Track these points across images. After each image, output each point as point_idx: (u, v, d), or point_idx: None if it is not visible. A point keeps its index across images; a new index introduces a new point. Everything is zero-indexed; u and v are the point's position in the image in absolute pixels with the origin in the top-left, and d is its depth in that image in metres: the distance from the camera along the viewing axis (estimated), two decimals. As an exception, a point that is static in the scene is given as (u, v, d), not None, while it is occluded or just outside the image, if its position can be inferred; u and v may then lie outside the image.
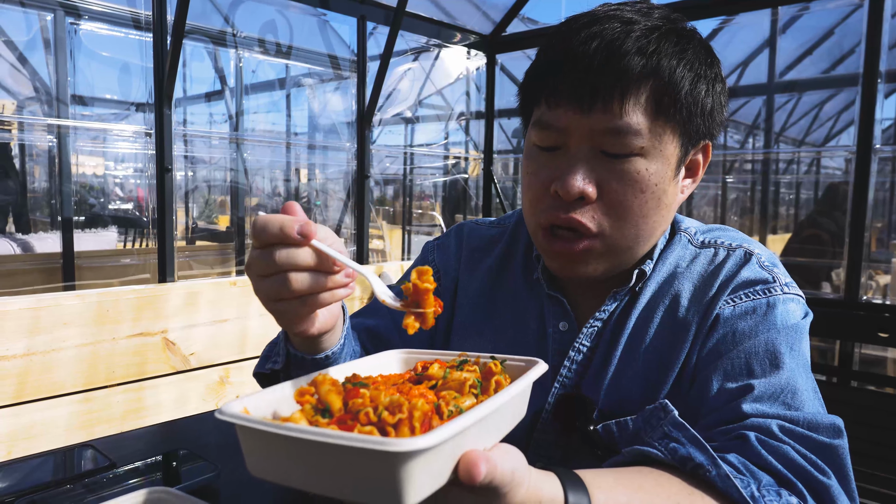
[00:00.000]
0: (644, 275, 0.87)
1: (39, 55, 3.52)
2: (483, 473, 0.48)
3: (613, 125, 0.75)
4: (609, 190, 0.78)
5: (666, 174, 0.79)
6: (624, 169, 0.77)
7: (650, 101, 0.75)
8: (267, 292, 0.62)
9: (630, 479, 0.66)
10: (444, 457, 0.46)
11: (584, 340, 0.89)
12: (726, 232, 0.91)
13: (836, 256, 4.08)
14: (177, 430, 1.08)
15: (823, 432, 0.71)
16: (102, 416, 1.95)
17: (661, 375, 0.83)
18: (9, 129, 4.03)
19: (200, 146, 5.27)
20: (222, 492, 0.79)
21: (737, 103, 5.41)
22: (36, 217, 4.61)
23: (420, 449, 0.42)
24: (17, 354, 1.78)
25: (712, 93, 0.81)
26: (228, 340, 2.28)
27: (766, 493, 0.64)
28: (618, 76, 0.74)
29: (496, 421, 0.55)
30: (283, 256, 0.59)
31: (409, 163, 6.84)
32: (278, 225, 0.59)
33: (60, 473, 0.81)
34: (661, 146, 0.77)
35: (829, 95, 5.06)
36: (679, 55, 0.77)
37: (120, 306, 1.99)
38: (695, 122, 0.79)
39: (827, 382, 2.40)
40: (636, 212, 0.79)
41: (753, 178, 5.59)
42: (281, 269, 0.59)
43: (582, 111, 0.76)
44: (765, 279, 0.83)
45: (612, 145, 0.76)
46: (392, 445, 0.42)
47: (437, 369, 0.64)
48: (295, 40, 4.26)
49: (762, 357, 0.77)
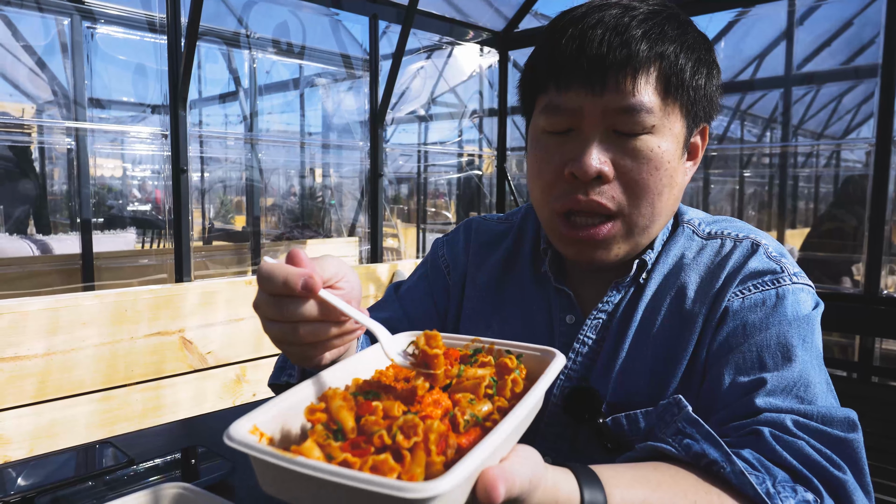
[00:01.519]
0: (645, 265, 0.87)
1: (57, 59, 3.57)
2: (502, 494, 0.47)
3: (626, 103, 0.76)
4: (625, 168, 0.78)
5: (676, 152, 0.80)
6: (637, 147, 0.78)
7: (659, 81, 0.77)
8: (276, 336, 0.63)
9: (646, 475, 0.66)
10: (463, 489, 0.45)
11: (588, 332, 0.89)
12: (732, 223, 0.91)
13: (856, 250, 4.02)
14: (194, 428, 1.09)
15: (838, 426, 0.70)
16: (122, 414, 1.98)
17: (668, 368, 0.82)
18: (28, 132, 4.09)
19: (216, 147, 5.32)
20: (238, 488, 0.79)
21: (754, 97, 5.34)
22: (56, 219, 4.68)
23: (439, 494, 0.41)
24: (38, 354, 1.81)
25: (711, 76, 0.83)
26: (244, 339, 2.30)
27: (781, 490, 0.64)
28: (628, 56, 0.76)
29: (514, 435, 0.53)
30: (290, 310, 0.59)
31: (422, 161, 6.85)
32: (282, 279, 0.59)
33: (81, 470, 0.82)
34: (670, 125, 0.79)
35: (849, 87, 4.99)
36: (681, 38, 0.79)
37: (138, 306, 2.01)
38: (698, 103, 0.81)
39: (847, 378, 2.37)
40: (652, 189, 0.79)
41: (771, 172, 5.52)
42: (288, 319, 0.60)
43: (595, 91, 0.77)
44: (773, 269, 0.82)
45: (624, 124, 0.77)
46: (411, 492, 0.41)
47: (454, 370, 0.60)
48: (308, 40, 4.28)
49: (774, 350, 0.76)
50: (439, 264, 1.06)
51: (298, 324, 0.60)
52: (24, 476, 0.80)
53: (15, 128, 3.92)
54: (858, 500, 0.66)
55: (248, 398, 2.33)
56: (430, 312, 1.03)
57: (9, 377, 1.76)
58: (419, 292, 1.04)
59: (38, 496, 0.73)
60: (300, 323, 0.60)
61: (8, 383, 1.76)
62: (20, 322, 1.78)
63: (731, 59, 4.95)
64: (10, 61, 3.62)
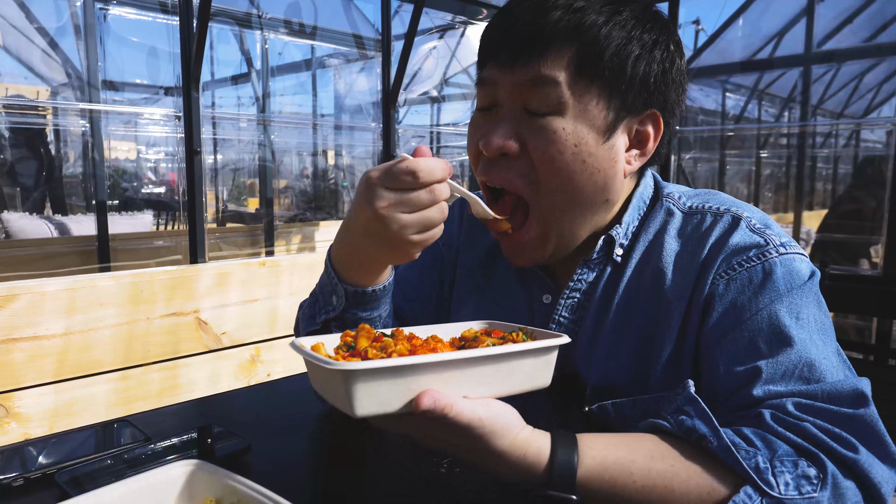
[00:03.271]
0: (613, 241, 0.84)
1: (70, 41, 3.58)
2: (424, 405, 0.55)
3: (533, 76, 0.76)
4: (532, 147, 0.77)
5: (589, 136, 0.77)
6: (543, 125, 0.77)
7: (573, 58, 0.75)
8: (422, 223, 0.69)
9: (626, 441, 0.66)
10: (389, 384, 0.56)
11: (563, 312, 0.87)
12: (715, 195, 0.86)
13: (875, 232, 3.96)
14: (210, 407, 1.10)
15: (845, 403, 0.66)
16: (139, 393, 2.01)
17: (651, 351, 0.79)
18: (44, 114, 4.12)
19: (229, 129, 5.32)
20: (254, 465, 0.80)
21: (772, 76, 5.24)
22: (72, 201, 4.72)
23: (353, 370, 0.54)
24: (57, 334, 1.83)
25: (650, 59, 0.77)
26: (259, 320, 2.32)
27: (778, 464, 0.62)
28: (542, 31, 0.75)
29: (478, 374, 0.60)
30: (439, 191, 0.68)
31: (435, 142, 6.82)
32: (437, 168, 0.67)
33: (100, 448, 0.83)
34: (582, 106, 0.76)
35: (870, 65, 4.88)
36: (610, 14, 0.76)
37: (153, 287, 2.03)
38: (624, 86, 0.77)
39: (864, 361, 2.34)
40: (561, 172, 0.77)
41: (789, 153, 5.43)
42: (436, 201, 0.68)
43: (507, 65, 0.77)
44: (757, 243, 0.77)
45: (533, 101, 0.77)
46: (334, 365, 0.54)
47: (469, 332, 0.72)
48: (320, 21, 4.25)
49: (767, 334, 0.72)
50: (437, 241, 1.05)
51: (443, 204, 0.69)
52: (44, 453, 0.81)
53: (30, 110, 3.95)
54: (876, 475, 0.62)
55: (263, 378, 2.35)
56: (428, 292, 1.02)
57: (28, 356, 1.79)
58: (416, 271, 1.04)
59: (57, 473, 0.74)
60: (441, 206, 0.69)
61: (28, 362, 1.79)
62: (38, 302, 1.80)
63: (749, 38, 4.86)
64: (25, 43, 3.63)
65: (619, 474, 0.63)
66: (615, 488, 0.63)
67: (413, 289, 1.02)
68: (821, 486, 0.61)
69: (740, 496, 0.61)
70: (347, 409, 0.56)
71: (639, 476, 0.63)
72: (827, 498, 0.61)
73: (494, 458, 0.61)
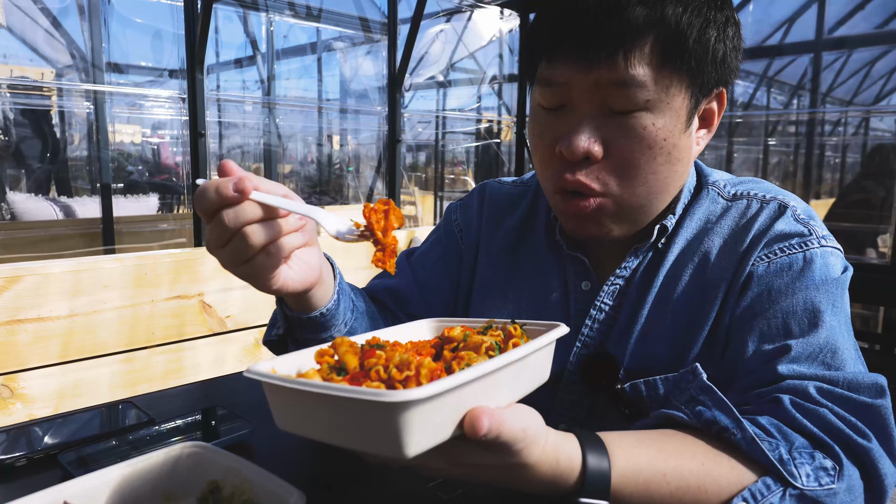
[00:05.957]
0: (665, 230, 0.84)
1: (74, 22, 3.56)
2: (486, 427, 0.48)
3: (617, 78, 0.71)
4: (616, 148, 0.74)
5: (675, 128, 0.75)
6: (630, 125, 0.73)
7: (655, 52, 0.71)
8: (231, 258, 0.62)
9: (653, 439, 0.65)
10: (444, 409, 0.47)
11: (605, 299, 0.86)
12: (759, 184, 0.86)
13: (882, 221, 3.94)
14: (214, 389, 1.10)
15: (865, 392, 0.67)
16: (143, 376, 2.01)
17: (690, 334, 0.80)
18: (48, 95, 4.11)
19: (234, 112, 5.31)
20: (257, 448, 0.80)
21: (781, 62, 5.18)
22: (77, 184, 4.73)
23: (414, 399, 0.43)
24: (62, 315, 1.84)
25: (724, 38, 0.75)
26: (263, 304, 2.32)
27: (797, 456, 0.62)
28: (621, 27, 0.70)
29: (507, 379, 0.54)
30: (231, 217, 0.59)
31: (440, 128, 6.79)
32: (214, 188, 0.59)
33: (104, 428, 0.83)
34: (668, 99, 0.73)
35: (882, 52, 4.82)
36: (685, 1, 0.72)
37: (158, 269, 2.03)
38: (705, 70, 0.75)
39: (870, 350, 2.33)
40: (645, 169, 0.75)
41: (797, 141, 5.39)
42: (234, 229, 0.60)
43: (584, 65, 0.72)
44: (801, 232, 0.78)
45: (616, 100, 0.72)
46: (387, 396, 0.43)
47: (459, 333, 0.63)
48: (325, 3, 4.21)
49: (800, 316, 0.73)
50: (452, 229, 1.04)
51: (245, 230, 0.60)
52: (49, 434, 0.81)
53: (35, 91, 3.94)
54: (884, 467, 0.64)
55: (262, 361, 2.36)
56: (443, 279, 1.01)
57: (33, 338, 1.79)
58: (431, 259, 1.02)
59: (61, 453, 0.74)
60: (246, 228, 0.60)
61: (33, 343, 1.79)
62: (43, 284, 1.80)
63: (759, 24, 4.80)
64: (29, 24, 3.62)
65: (652, 476, 0.62)
66: (649, 491, 0.62)
67: (426, 275, 1.01)
68: (838, 478, 0.62)
69: (757, 485, 0.61)
70: (391, 449, 0.45)
71: (672, 477, 0.62)
72: (843, 489, 0.62)
73: (527, 471, 0.56)
